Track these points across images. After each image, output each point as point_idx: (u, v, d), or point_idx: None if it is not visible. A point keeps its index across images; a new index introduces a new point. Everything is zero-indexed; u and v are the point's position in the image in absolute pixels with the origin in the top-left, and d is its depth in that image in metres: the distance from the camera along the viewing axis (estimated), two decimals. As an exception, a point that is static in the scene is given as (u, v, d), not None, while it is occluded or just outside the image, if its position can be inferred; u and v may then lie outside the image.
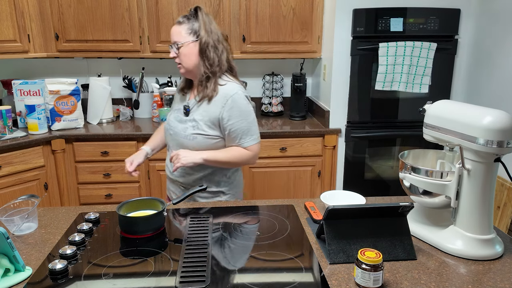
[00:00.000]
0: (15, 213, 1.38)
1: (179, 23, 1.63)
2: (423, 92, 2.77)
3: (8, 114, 2.61)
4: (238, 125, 1.64)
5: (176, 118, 1.72)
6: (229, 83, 1.67)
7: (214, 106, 1.64)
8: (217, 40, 1.65)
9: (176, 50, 1.64)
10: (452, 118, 1.23)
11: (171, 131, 1.73)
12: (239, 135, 1.65)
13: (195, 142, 1.65)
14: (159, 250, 1.25)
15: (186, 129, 1.66)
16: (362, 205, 1.25)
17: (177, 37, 1.63)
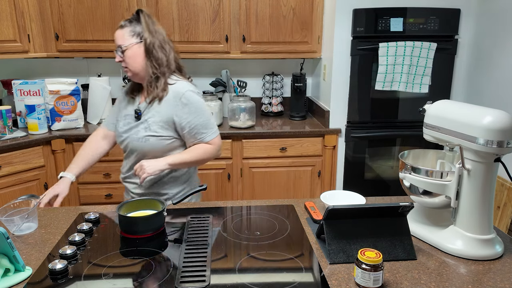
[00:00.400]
0: (15, 213, 1.38)
1: (121, 26, 1.63)
2: (423, 92, 2.77)
3: (8, 114, 2.61)
4: (196, 121, 1.63)
5: (126, 125, 1.69)
6: (178, 82, 1.67)
7: (166, 106, 1.62)
8: (163, 40, 1.66)
9: (121, 54, 1.62)
10: (452, 118, 1.23)
11: (123, 139, 1.69)
12: (199, 131, 1.65)
13: (148, 144, 1.63)
14: (159, 250, 1.25)
15: (138, 132, 1.64)
16: (362, 205, 1.25)
17: (120, 41, 1.62)
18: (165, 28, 2.89)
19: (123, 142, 1.71)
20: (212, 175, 2.87)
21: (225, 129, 2.85)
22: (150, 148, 1.64)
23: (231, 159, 2.86)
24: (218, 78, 3.16)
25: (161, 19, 2.88)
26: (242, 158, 2.87)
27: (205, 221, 1.43)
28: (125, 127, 1.69)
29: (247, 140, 2.84)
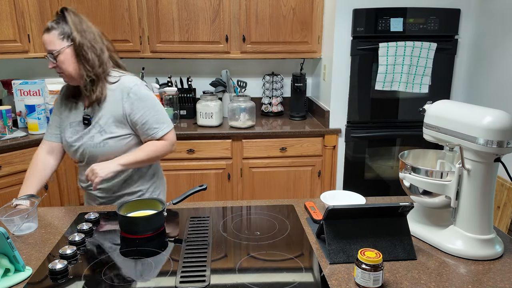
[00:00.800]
0: (15, 213, 1.38)
1: (48, 30, 1.51)
2: (423, 92, 2.77)
3: (8, 114, 2.61)
4: (147, 116, 1.58)
5: (76, 133, 1.60)
6: (123, 77, 1.59)
7: (115, 104, 1.56)
8: (93, 39, 1.54)
9: (53, 59, 1.52)
10: (452, 118, 1.23)
11: (76, 148, 1.60)
12: (151, 127, 1.60)
13: (108, 147, 1.57)
14: (159, 250, 1.25)
15: (93, 137, 1.57)
16: (362, 205, 1.25)
17: (51, 46, 1.50)
18: (165, 28, 2.91)
19: (77, 151, 1.61)
20: (212, 175, 2.87)
21: (225, 129, 2.85)
22: (109, 151, 1.57)
23: (231, 159, 2.86)
24: (218, 78, 3.16)
25: (161, 19, 2.88)
26: (242, 158, 2.87)
27: (205, 221, 1.43)
28: (75, 136, 1.60)
29: (247, 140, 2.84)
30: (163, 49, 2.94)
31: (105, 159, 1.57)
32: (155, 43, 2.93)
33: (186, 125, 2.97)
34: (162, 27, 2.90)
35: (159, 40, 2.93)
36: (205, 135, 2.80)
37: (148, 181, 1.72)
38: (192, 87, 3.24)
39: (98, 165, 1.51)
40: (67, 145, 1.64)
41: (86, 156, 1.60)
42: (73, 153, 1.63)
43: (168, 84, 3.17)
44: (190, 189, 1.51)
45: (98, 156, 1.58)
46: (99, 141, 1.57)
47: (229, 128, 2.88)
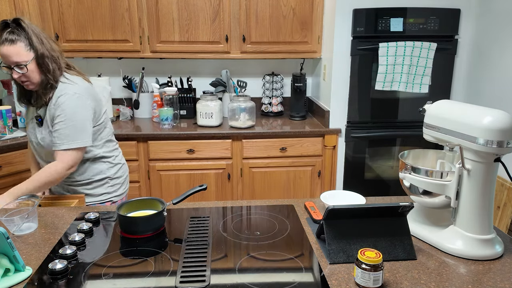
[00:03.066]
0: (15, 213, 1.38)
1: (12, 41, 1.55)
2: (423, 92, 2.77)
3: (8, 114, 2.61)
4: (58, 126, 1.63)
5: (31, 129, 1.75)
6: (64, 84, 1.66)
7: (50, 107, 1.67)
8: (51, 48, 1.63)
9: (21, 70, 1.58)
10: (452, 118, 1.23)
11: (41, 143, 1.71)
12: (56, 137, 1.64)
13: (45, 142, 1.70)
14: (159, 250, 1.25)
15: (41, 133, 1.70)
16: (362, 205, 1.25)
17: (18, 58, 1.56)
18: (165, 28, 2.91)
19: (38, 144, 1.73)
20: (212, 175, 2.87)
21: (225, 129, 2.85)
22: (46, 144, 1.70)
23: (231, 159, 2.86)
24: (218, 78, 3.16)
25: (161, 19, 2.88)
26: (242, 158, 2.87)
27: (205, 221, 1.43)
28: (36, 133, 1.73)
29: (247, 140, 2.84)
30: (163, 49, 2.94)
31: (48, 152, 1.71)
32: (155, 43, 2.93)
33: (186, 125, 2.98)
34: (162, 27, 2.90)
35: (159, 40, 2.93)
36: (205, 135, 2.80)
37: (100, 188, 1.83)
38: (192, 87, 3.24)
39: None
40: (34, 141, 1.75)
41: (43, 151, 1.73)
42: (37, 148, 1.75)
43: (168, 84, 3.17)
44: (190, 189, 1.51)
45: (51, 152, 1.68)
46: (41, 136, 1.70)
47: (229, 128, 2.88)
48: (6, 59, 1.58)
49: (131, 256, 1.22)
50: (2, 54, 1.57)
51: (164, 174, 2.84)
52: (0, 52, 1.57)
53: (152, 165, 2.82)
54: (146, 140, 2.79)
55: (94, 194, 1.81)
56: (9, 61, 1.58)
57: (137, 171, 2.82)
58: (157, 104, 3.07)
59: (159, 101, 3.07)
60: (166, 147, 2.79)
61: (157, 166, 2.82)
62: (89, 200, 1.81)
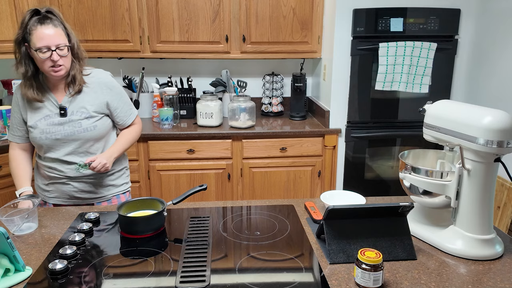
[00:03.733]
0: (15, 213, 1.38)
1: (54, 25, 1.58)
2: (423, 92, 2.77)
3: (8, 114, 2.61)
4: (122, 104, 1.79)
5: (52, 123, 1.66)
6: (93, 70, 1.75)
7: (93, 94, 1.71)
8: (77, 40, 1.69)
9: (62, 53, 1.58)
10: (452, 118, 1.23)
11: (59, 136, 1.66)
12: (125, 114, 1.81)
13: (98, 129, 1.71)
14: (159, 250, 1.25)
15: (80, 123, 1.67)
16: (362, 205, 1.25)
17: (61, 40, 1.58)
18: (165, 28, 2.91)
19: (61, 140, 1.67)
20: (212, 175, 2.87)
21: (225, 129, 2.85)
22: (98, 132, 1.72)
23: (231, 159, 2.86)
24: (218, 78, 3.16)
25: (161, 19, 2.88)
26: (242, 158, 2.87)
27: (205, 221, 1.43)
28: (56, 126, 1.67)
29: (247, 140, 2.84)
30: (163, 49, 2.94)
31: (93, 140, 1.72)
32: (155, 43, 2.93)
33: (186, 125, 2.98)
34: (162, 27, 2.90)
35: (159, 40, 2.93)
36: (205, 135, 2.80)
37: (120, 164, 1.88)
38: (192, 87, 3.24)
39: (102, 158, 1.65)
40: (42, 137, 1.67)
41: (70, 143, 1.68)
42: (54, 142, 1.67)
43: (168, 84, 3.17)
44: (190, 189, 1.51)
45: (86, 139, 1.69)
46: (89, 126, 1.68)
47: (229, 128, 2.88)
48: (47, 40, 1.55)
49: (131, 256, 1.22)
50: (44, 34, 1.55)
51: (164, 174, 2.84)
52: (42, 32, 1.55)
53: (152, 165, 2.82)
54: (146, 140, 2.79)
55: (117, 185, 1.83)
56: (50, 42, 1.55)
57: (137, 171, 2.82)
58: (157, 104, 3.07)
59: (159, 101, 3.07)
60: (166, 147, 2.79)
61: (157, 166, 2.82)
62: (113, 192, 1.82)
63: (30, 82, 1.66)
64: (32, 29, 1.55)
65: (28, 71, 1.64)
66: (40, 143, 1.68)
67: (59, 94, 1.69)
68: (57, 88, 1.69)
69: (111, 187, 1.81)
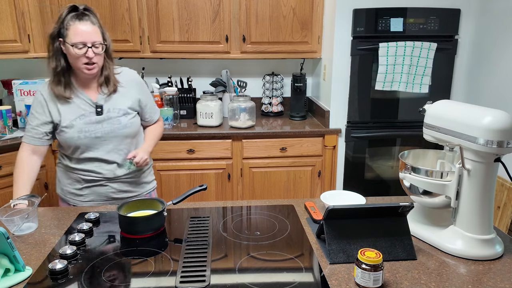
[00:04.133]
0: (15, 213, 1.38)
1: (92, 22, 1.60)
2: (423, 92, 2.77)
3: (8, 114, 2.61)
4: (150, 101, 1.85)
5: (89, 122, 1.65)
6: (123, 69, 1.79)
7: (127, 91, 1.74)
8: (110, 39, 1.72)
9: (97, 50, 1.60)
10: (452, 118, 1.23)
11: (99, 134, 1.66)
12: (153, 110, 1.87)
13: (134, 126, 1.74)
14: (159, 250, 1.25)
15: (119, 121, 1.69)
16: (362, 205, 1.25)
17: (97, 37, 1.60)
18: (165, 28, 2.91)
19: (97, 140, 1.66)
20: (212, 175, 2.87)
21: (225, 129, 2.85)
22: (134, 129, 1.75)
23: (231, 159, 2.86)
24: (218, 78, 3.16)
25: (161, 19, 2.88)
26: (242, 158, 2.87)
27: (205, 221, 1.43)
28: (93, 125, 1.65)
29: (247, 140, 2.84)
30: (163, 49, 2.94)
31: (131, 137, 1.75)
32: (155, 43, 2.93)
33: (186, 125, 2.97)
34: (162, 27, 2.90)
35: (159, 40, 2.93)
36: (205, 135, 2.80)
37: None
38: (192, 87, 3.24)
39: (142, 153, 1.69)
40: (81, 136, 1.64)
41: (109, 140, 1.69)
42: (92, 140, 1.66)
43: (168, 84, 3.17)
44: (190, 189, 1.51)
45: (124, 136, 1.72)
46: (127, 123, 1.71)
47: (229, 128, 2.87)
48: (85, 36, 1.56)
49: (131, 256, 1.22)
50: (82, 31, 1.56)
51: (164, 174, 2.84)
52: (79, 29, 1.55)
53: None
54: (146, 140, 2.78)
55: (148, 181, 1.86)
56: (87, 39, 1.56)
57: (137, 171, 2.82)
58: (157, 104, 3.07)
59: (159, 101, 3.07)
60: (166, 147, 2.79)
61: (157, 166, 2.81)
62: (146, 189, 1.85)
63: (58, 78, 1.63)
64: (70, 24, 1.55)
65: (58, 67, 1.61)
66: (77, 143, 1.65)
67: (92, 93, 1.68)
68: (89, 87, 1.69)
69: (144, 184, 1.83)
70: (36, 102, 1.67)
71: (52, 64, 1.61)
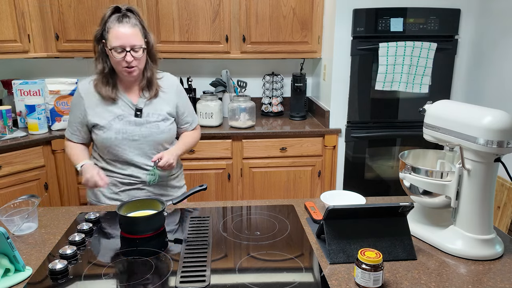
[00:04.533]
0: (15, 213, 1.38)
1: (133, 24, 1.56)
2: (423, 92, 2.77)
3: (8, 114, 2.61)
4: (188, 109, 1.82)
5: (128, 123, 1.63)
6: (165, 74, 1.78)
7: (167, 96, 1.72)
8: (154, 40, 1.68)
9: (136, 54, 1.56)
10: (452, 118, 1.23)
11: (136, 137, 1.64)
12: (191, 116, 1.84)
13: (171, 132, 1.73)
14: (159, 250, 1.25)
15: (157, 126, 1.67)
16: (362, 205, 1.25)
17: (137, 40, 1.56)
18: (165, 28, 2.90)
19: (133, 143, 1.64)
20: (212, 175, 2.87)
21: (225, 129, 2.85)
22: (170, 135, 1.73)
23: (231, 159, 2.86)
24: (218, 78, 3.16)
25: (161, 19, 2.88)
26: (242, 158, 2.87)
27: (205, 221, 1.43)
28: (132, 126, 1.64)
29: (247, 140, 2.84)
30: (163, 49, 2.94)
31: (167, 143, 1.74)
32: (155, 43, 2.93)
33: (186, 125, 2.97)
34: (162, 27, 2.90)
35: (159, 40, 2.92)
36: (205, 135, 2.80)
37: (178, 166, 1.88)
38: (192, 87, 3.24)
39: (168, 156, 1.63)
40: (118, 137, 1.62)
41: (144, 144, 1.66)
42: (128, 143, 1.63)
43: (168, 84, 3.17)
44: (190, 189, 1.51)
45: (160, 141, 1.70)
46: (165, 128, 1.69)
47: (229, 128, 2.87)
48: (123, 39, 1.53)
49: (131, 256, 1.22)
50: (121, 34, 1.53)
51: (164, 174, 2.84)
52: (118, 32, 1.53)
53: (152, 165, 2.82)
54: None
55: (180, 186, 1.86)
56: (126, 43, 1.53)
57: (137, 171, 2.82)
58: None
59: (159, 101, 3.07)
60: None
61: (157, 166, 2.81)
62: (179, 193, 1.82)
63: (106, 79, 1.63)
64: (110, 27, 1.54)
65: (105, 68, 1.61)
66: (114, 144, 1.63)
67: (132, 95, 1.67)
68: (131, 89, 1.68)
69: (176, 189, 1.82)
70: (75, 100, 1.68)
71: (99, 66, 1.61)
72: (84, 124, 1.67)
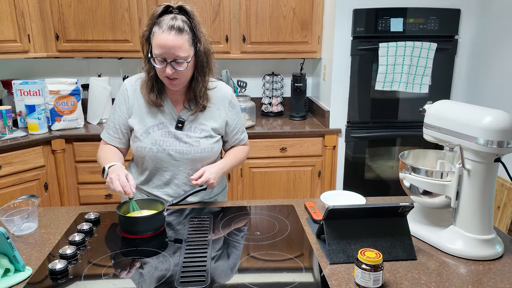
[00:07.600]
0: (15, 213, 1.38)
1: (180, 31, 1.34)
2: (423, 92, 2.77)
3: (8, 114, 2.61)
4: (240, 126, 1.64)
5: (167, 134, 1.49)
6: (219, 84, 1.57)
7: (216, 111, 1.54)
8: (208, 42, 1.46)
9: (179, 67, 1.37)
10: (452, 118, 1.23)
11: (172, 152, 1.50)
12: (240, 132, 1.65)
13: (213, 152, 1.54)
14: (159, 250, 1.25)
15: (198, 142, 1.50)
16: (362, 205, 1.25)
17: (181, 52, 1.35)
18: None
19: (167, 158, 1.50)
20: (212, 175, 2.87)
21: (225, 129, 2.85)
22: (212, 155, 1.53)
23: (231, 159, 2.86)
24: (218, 78, 3.15)
25: (161, 19, 2.88)
26: (242, 158, 2.87)
27: (205, 221, 1.43)
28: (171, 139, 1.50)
29: (247, 140, 2.84)
30: (163, 49, 2.94)
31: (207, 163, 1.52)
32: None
33: (186, 125, 2.97)
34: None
35: (159, 40, 2.92)
36: (205, 135, 2.80)
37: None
38: (192, 87, 3.24)
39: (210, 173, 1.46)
40: (153, 148, 1.49)
41: (183, 161, 1.50)
42: (162, 156, 1.50)
43: (168, 84, 3.17)
44: (190, 189, 1.51)
45: (198, 161, 1.51)
46: (207, 146, 1.52)
47: (229, 128, 2.87)
48: (165, 49, 1.34)
49: (131, 256, 1.22)
50: (163, 43, 1.33)
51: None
52: (161, 39, 1.33)
53: (152, 165, 2.81)
54: (146, 140, 2.78)
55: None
56: (168, 53, 1.34)
57: (137, 171, 2.82)
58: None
59: (159, 101, 3.07)
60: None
61: (157, 166, 2.81)
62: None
63: (151, 83, 1.48)
64: (155, 32, 1.35)
65: (150, 72, 1.46)
66: (147, 156, 1.49)
67: (177, 104, 1.52)
68: (176, 97, 1.52)
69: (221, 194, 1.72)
70: (120, 98, 1.54)
71: (146, 67, 1.46)
72: (127, 126, 1.53)
